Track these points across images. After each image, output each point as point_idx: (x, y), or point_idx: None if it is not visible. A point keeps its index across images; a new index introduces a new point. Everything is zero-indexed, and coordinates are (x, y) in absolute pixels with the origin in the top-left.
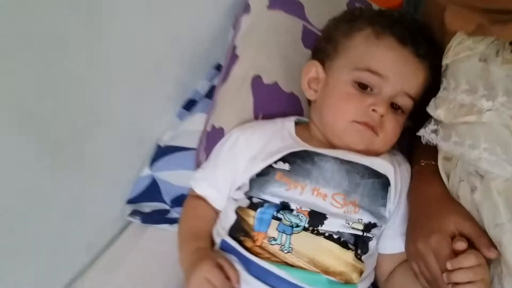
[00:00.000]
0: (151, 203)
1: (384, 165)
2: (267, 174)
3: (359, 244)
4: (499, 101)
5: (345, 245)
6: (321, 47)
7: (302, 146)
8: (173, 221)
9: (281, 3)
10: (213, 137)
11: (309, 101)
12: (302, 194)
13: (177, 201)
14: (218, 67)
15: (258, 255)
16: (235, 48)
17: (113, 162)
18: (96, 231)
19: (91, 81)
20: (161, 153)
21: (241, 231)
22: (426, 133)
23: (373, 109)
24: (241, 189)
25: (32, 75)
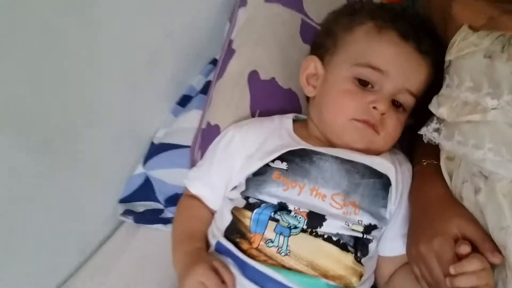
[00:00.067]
0: (144, 202)
1: (384, 165)
2: (264, 173)
3: (358, 246)
4: (504, 100)
5: (344, 247)
6: (320, 41)
7: (300, 144)
8: (167, 221)
9: None
10: (208, 134)
11: (308, 98)
12: (300, 194)
13: (171, 201)
14: (213, 62)
15: (254, 257)
16: (231, 42)
17: (105, 160)
18: (88, 231)
19: (82, 77)
20: (154, 150)
21: (237, 233)
22: (428, 132)
23: (374, 107)
24: (237, 188)
25: (18, 71)
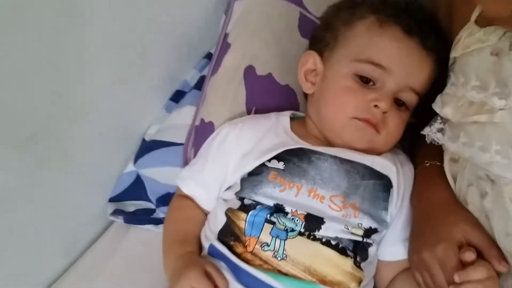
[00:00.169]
0: (135, 201)
1: (385, 165)
2: (260, 173)
3: (358, 250)
4: None
5: (343, 251)
6: (320, 36)
7: (298, 143)
8: (158, 222)
9: None
10: (202, 132)
11: (306, 95)
12: (297, 195)
13: (163, 200)
14: (208, 56)
15: (249, 262)
16: (226, 36)
17: (93, 157)
18: (75, 231)
19: (68, 71)
20: (146, 148)
21: (231, 235)
22: (431, 132)
23: (375, 105)
24: (231, 189)
25: (2, 65)
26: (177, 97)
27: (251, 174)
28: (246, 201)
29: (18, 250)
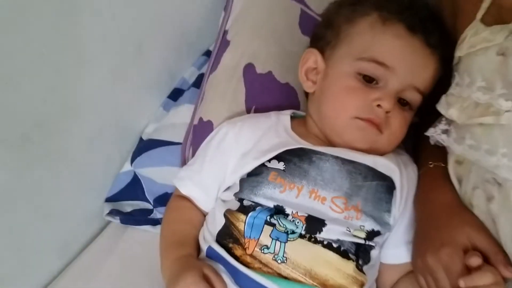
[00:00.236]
0: (132, 201)
1: (388, 166)
2: (260, 174)
3: (360, 253)
4: None
5: (345, 254)
6: (321, 33)
7: (298, 143)
8: (156, 222)
9: None
10: (200, 131)
11: (307, 94)
12: (298, 196)
13: (161, 200)
14: (207, 54)
15: (248, 264)
16: (226, 33)
17: (90, 156)
18: (70, 232)
19: (61, 67)
20: (143, 147)
21: (230, 237)
22: (436, 134)
23: (378, 105)
24: (230, 189)
25: None
26: (175, 95)
27: (251, 174)
28: (245, 202)
29: (11, 250)
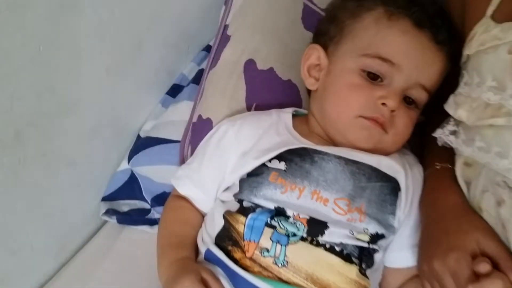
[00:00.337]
0: (129, 201)
1: (393, 167)
2: (260, 174)
3: (363, 257)
4: None
5: (348, 258)
6: (324, 29)
7: (300, 142)
8: (153, 222)
9: None
10: (199, 129)
11: (309, 91)
12: (299, 198)
13: (159, 200)
14: (207, 49)
15: (247, 268)
16: (226, 27)
17: (86, 154)
18: (66, 231)
19: (57, 63)
20: (141, 145)
21: (229, 239)
22: (443, 135)
23: (383, 103)
24: (230, 190)
25: None
26: (174, 91)
27: (251, 174)
28: (245, 204)
29: (6, 251)
